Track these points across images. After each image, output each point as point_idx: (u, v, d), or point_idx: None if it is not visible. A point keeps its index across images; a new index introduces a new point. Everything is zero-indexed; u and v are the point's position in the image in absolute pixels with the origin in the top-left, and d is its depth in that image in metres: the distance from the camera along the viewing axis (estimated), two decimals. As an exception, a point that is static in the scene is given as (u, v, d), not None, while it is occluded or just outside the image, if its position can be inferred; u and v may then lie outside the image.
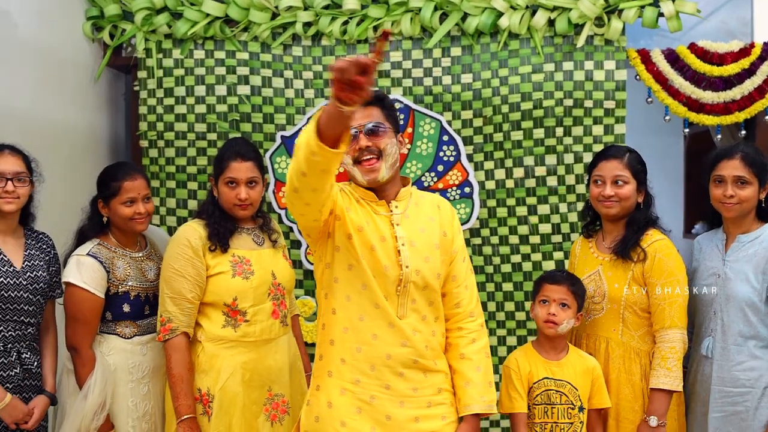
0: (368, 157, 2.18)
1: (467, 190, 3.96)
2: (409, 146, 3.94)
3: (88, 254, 2.73)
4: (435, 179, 3.96)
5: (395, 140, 2.24)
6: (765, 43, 3.92)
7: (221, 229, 2.65)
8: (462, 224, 3.83)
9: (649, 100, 4.00)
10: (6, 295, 2.54)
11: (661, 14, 3.80)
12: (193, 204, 4.04)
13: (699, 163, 2.93)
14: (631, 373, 2.63)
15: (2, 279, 2.54)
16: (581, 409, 2.49)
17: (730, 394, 2.63)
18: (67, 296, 2.72)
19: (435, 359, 2.23)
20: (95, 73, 4.09)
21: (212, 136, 4.04)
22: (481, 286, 4.01)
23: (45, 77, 3.63)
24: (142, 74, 4.08)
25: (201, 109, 4.04)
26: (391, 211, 2.24)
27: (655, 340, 2.60)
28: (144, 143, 4.09)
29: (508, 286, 4.00)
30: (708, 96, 3.92)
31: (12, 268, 2.60)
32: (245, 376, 2.62)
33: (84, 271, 2.69)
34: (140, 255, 2.87)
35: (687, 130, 4.04)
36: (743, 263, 2.65)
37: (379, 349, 2.17)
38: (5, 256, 2.59)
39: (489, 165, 4.00)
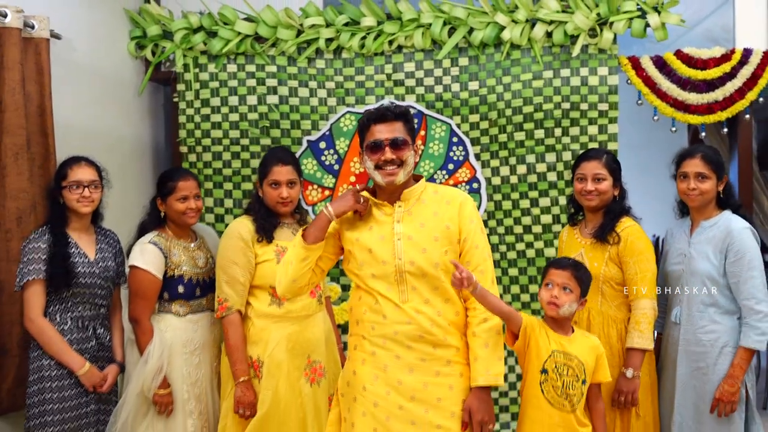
0: (391, 167, 2.51)
1: (475, 185, 4.37)
2: (422, 148, 4.35)
3: (149, 242, 3.17)
4: (446, 177, 4.37)
5: (413, 151, 2.59)
6: (745, 49, 4.30)
7: (266, 224, 3.09)
8: (471, 216, 4.27)
9: (640, 102, 4.39)
10: (83, 281, 3.00)
11: (648, 25, 4.17)
12: (228, 203, 4.48)
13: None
14: (609, 337, 3.03)
15: (80, 268, 2.99)
16: (584, 382, 2.71)
17: (693, 353, 3.04)
18: (131, 276, 3.16)
19: (446, 335, 2.50)
20: (139, 87, 4.52)
21: (245, 142, 4.45)
22: (489, 272, 4.42)
23: (98, 94, 4.07)
24: (180, 87, 4.50)
25: (234, 117, 4.45)
26: (394, 211, 2.56)
27: (630, 308, 3.00)
28: (183, 149, 4.51)
29: (513, 271, 4.41)
30: (693, 98, 4.31)
31: (87, 259, 3.05)
32: (288, 345, 3.05)
33: (146, 256, 3.13)
34: (192, 245, 3.31)
35: (674, 128, 4.43)
36: (704, 244, 3.06)
37: (388, 327, 2.51)
38: (81, 250, 3.04)
39: (495, 163, 4.40)
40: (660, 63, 4.34)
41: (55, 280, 2.93)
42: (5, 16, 3.12)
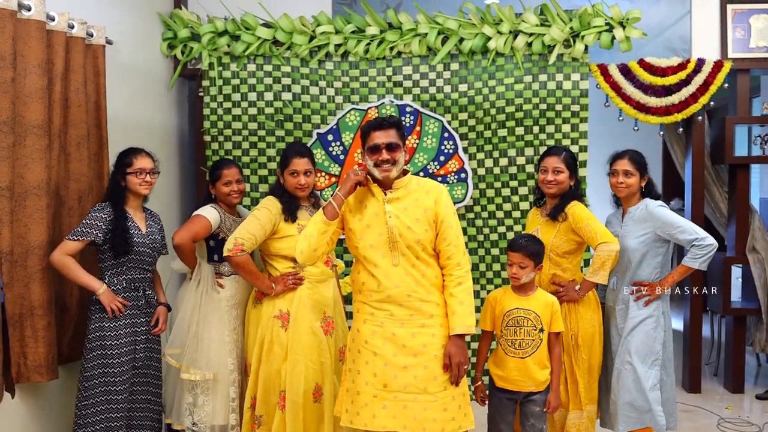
0: (386, 165, 3.09)
1: (463, 175, 4.98)
2: (418, 142, 4.96)
3: (211, 206, 3.82)
4: (437, 167, 4.98)
5: (404, 152, 3.17)
6: (698, 59, 4.94)
7: (290, 206, 3.68)
8: (458, 202, 4.91)
9: (607, 104, 5.02)
10: (138, 250, 3.58)
11: (614, 38, 4.77)
12: (246, 187, 5.03)
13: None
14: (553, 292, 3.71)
15: (136, 239, 3.58)
16: (541, 330, 3.42)
17: (625, 310, 3.73)
18: (193, 218, 3.77)
19: (427, 293, 3.06)
20: (168, 82, 5.11)
21: (261, 133, 5.05)
22: (474, 251, 5.06)
23: (136, 89, 4.65)
24: (205, 83, 5.08)
25: (253, 111, 5.04)
26: (386, 195, 3.13)
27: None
28: (207, 138, 5.11)
29: (495, 251, 5.04)
30: (653, 101, 4.96)
31: (141, 232, 3.63)
32: (310, 302, 3.66)
33: (207, 210, 3.78)
34: (239, 220, 3.91)
35: (637, 128, 5.06)
36: (631, 225, 3.73)
37: (382, 293, 3.11)
38: (137, 224, 3.64)
39: (480, 156, 5.01)
40: (625, 70, 4.98)
41: (116, 249, 3.51)
42: (72, 27, 3.69)
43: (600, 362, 3.77)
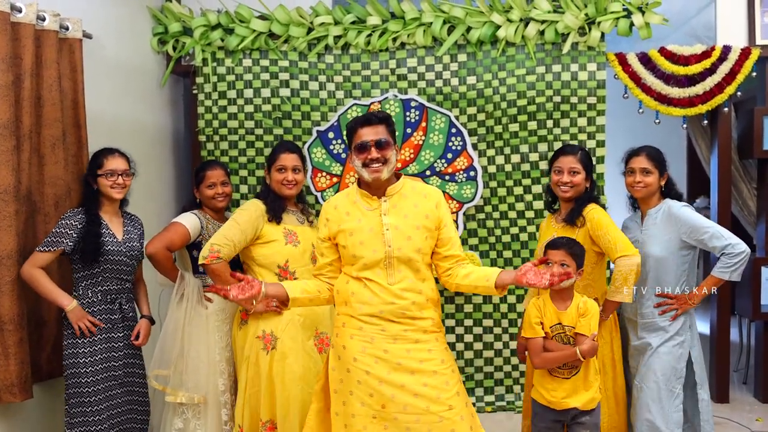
0: (376, 165, 2.82)
1: (472, 173, 4.68)
2: (424, 138, 4.68)
3: (191, 213, 3.59)
4: (445, 165, 4.69)
5: (395, 150, 2.90)
6: (724, 46, 4.60)
7: (275, 206, 3.43)
8: (468, 202, 4.63)
9: (626, 95, 4.70)
10: (112, 258, 3.33)
11: (633, 24, 4.46)
12: (244, 188, 4.81)
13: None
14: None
15: (110, 247, 3.33)
16: None
17: (646, 324, 3.43)
18: (169, 226, 3.54)
19: (421, 310, 2.84)
20: (161, 79, 4.86)
21: (259, 131, 4.79)
22: (485, 253, 4.77)
23: (124, 87, 4.40)
24: (199, 80, 4.83)
25: (249, 108, 4.78)
26: (381, 205, 2.88)
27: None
28: (202, 138, 4.85)
29: (508, 254, 4.74)
30: (675, 92, 4.62)
31: (116, 239, 3.38)
32: (299, 320, 3.40)
33: (185, 217, 3.55)
34: None
35: (658, 120, 4.73)
36: (653, 230, 3.42)
37: (374, 306, 2.84)
38: (111, 230, 3.38)
39: (490, 152, 4.72)
40: (645, 59, 4.65)
41: (86, 256, 3.26)
42: (44, 19, 3.45)
43: (624, 387, 3.46)
